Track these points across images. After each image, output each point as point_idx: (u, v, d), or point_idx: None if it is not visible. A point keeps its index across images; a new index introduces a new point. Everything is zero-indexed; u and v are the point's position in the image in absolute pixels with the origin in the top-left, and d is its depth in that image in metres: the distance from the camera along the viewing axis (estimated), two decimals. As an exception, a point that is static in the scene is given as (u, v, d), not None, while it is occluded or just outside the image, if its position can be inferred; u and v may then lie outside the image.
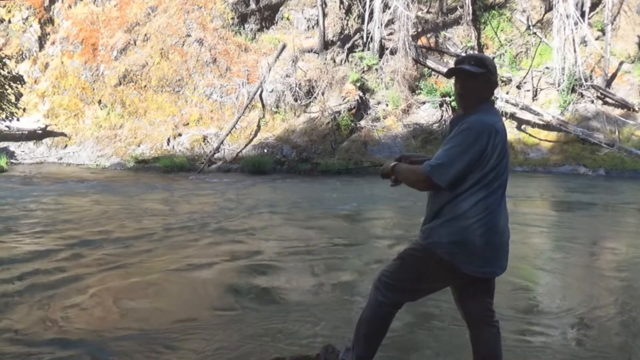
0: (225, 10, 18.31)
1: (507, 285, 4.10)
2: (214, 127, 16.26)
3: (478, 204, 2.32)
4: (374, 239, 6.52)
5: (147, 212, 7.77)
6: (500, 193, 2.39)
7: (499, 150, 2.32)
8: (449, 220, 2.35)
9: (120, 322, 3.46)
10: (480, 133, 2.29)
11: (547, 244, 6.68)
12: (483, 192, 2.32)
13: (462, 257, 2.33)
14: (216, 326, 3.41)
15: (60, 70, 17.69)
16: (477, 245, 2.32)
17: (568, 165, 16.46)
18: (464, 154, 2.27)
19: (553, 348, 3.17)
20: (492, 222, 2.34)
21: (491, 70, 2.44)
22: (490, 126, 2.31)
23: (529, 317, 3.70)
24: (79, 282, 4.23)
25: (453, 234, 2.33)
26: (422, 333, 3.37)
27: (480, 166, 2.30)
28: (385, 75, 17.75)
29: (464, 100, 2.45)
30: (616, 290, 4.39)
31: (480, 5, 20.80)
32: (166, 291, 4.17)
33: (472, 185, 2.32)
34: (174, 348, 3.09)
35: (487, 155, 2.29)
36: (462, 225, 2.32)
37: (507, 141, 2.42)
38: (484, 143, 2.28)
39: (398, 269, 2.50)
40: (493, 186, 2.34)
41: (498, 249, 2.38)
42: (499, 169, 2.34)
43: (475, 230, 2.31)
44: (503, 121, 2.48)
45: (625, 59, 18.41)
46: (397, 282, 2.48)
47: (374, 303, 2.53)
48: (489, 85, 2.46)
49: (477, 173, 2.30)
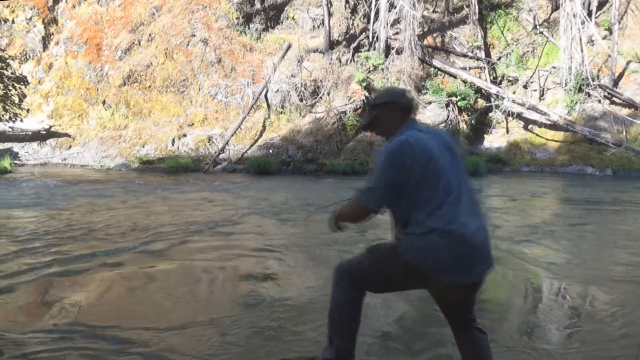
0: (230, 10, 18.22)
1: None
2: (218, 127, 16.17)
3: (432, 217, 2.33)
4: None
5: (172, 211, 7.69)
6: (453, 199, 2.37)
7: (421, 159, 2.36)
8: (411, 237, 2.36)
9: (121, 321, 3.37)
10: (393, 151, 2.39)
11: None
12: (432, 204, 2.34)
13: (432, 267, 2.33)
14: (219, 325, 3.33)
15: (64, 70, 17.61)
16: (445, 257, 2.31)
17: (575, 165, 16.36)
18: (384, 173, 2.38)
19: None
20: (455, 232, 2.31)
21: (392, 98, 2.63)
22: (402, 142, 2.41)
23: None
24: (84, 281, 4.15)
25: (418, 251, 2.33)
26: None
27: (410, 180, 2.35)
28: (391, 75, 17.64)
29: (381, 131, 2.67)
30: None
31: (486, 5, 20.67)
32: (168, 290, 4.08)
33: (415, 200, 2.36)
34: (176, 347, 3.02)
35: (410, 167, 2.35)
36: (425, 243, 2.32)
37: (439, 147, 2.47)
38: (398, 158, 2.37)
39: (364, 260, 2.56)
40: (439, 195, 2.36)
41: (469, 257, 2.35)
42: (433, 177, 2.37)
43: (439, 244, 2.30)
44: (427, 132, 2.58)
45: (632, 58, 18.27)
46: (362, 272, 2.53)
47: (338, 290, 2.57)
48: (396, 110, 2.60)
49: (413, 188, 2.36)
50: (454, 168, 2.49)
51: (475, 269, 2.38)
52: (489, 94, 18.21)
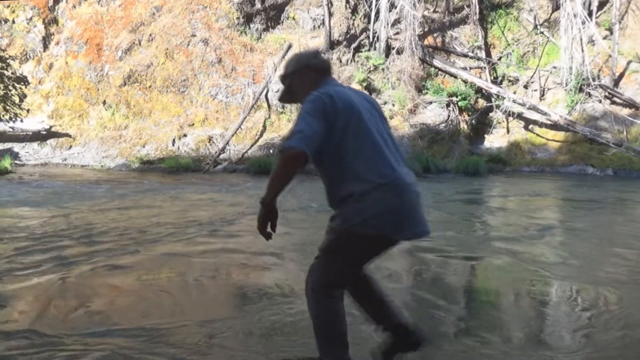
0: (230, 10, 18.21)
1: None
2: (219, 127, 16.16)
3: (369, 170, 2.29)
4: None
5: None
6: (386, 151, 2.36)
7: (345, 109, 2.31)
8: (354, 199, 2.29)
9: (122, 319, 3.36)
10: (314, 100, 2.30)
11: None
12: (365, 156, 2.30)
13: (389, 226, 2.29)
14: (209, 327, 3.29)
15: (65, 70, 17.59)
16: (396, 210, 2.30)
17: (576, 165, 16.37)
18: (309, 118, 2.24)
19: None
20: (401, 184, 2.32)
21: (302, 63, 2.54)
22: (322, 93, 2.33)
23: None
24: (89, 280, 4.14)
25: (367, 210, 2.27)
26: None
27: (336, 128, 2.28)
28: (392, 75, 17.63)
29: (300, 99, 2.46)
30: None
31: (487, 5, 20.66)
32: (172, 290, 4.07)
33: (344, 151, 2.30)
34: (178, 346, 3.00)
35: (334, 115, 2.28)
36: (374, 205, 2.27)
37: (361, 102, 2.42)
38: (320, 106, 2.27)
39: (330, 263, 2.42)
40: (371, 147, 2.32)
41: (416, 207, 2.36)
42: (360, 128, 2.32)
43: (387, 200, 2.28)
44: (349, 88, 2.54)
45: (633, 58, 18.26)
46: (334, 275, 2.42)
47: (319, 306, 2.43)
48: (310, 74, 2.52)
49: (341, 138, 2.29)
50: (379, 122, 2.47)
51: (422, 219, 2.40)
52: (490, 94, 18.20)
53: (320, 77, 2.52)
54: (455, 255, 5.42)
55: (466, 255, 5.45)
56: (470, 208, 9.48)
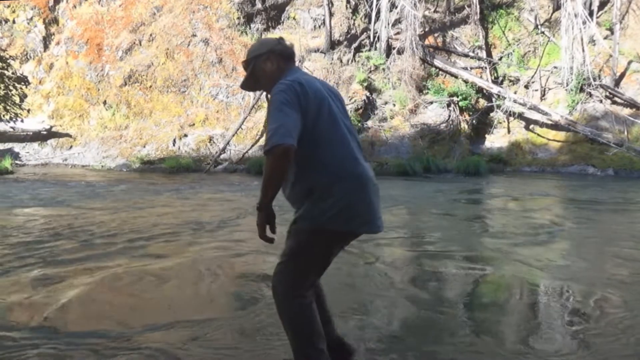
0: (231, 9, 18.21)
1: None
2: (220, 127, 16.16)
3: (335, 163, 2.28)
4: (390, 239, 6.38)
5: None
6: (352, 143, 2.36)
7: (315, 98, 2.28)
8: (319, 193, 2.28)
9: (123, 319, 3.35)
10: (284, 90, 2.23)
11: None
12: (333, 146, 2.30)
13: (354, 221, 2.29)
14: (202, 326, 3.28)
15: (65, 70, 17.60)
16: (360, 203, 2.30)
17: (577, 165, 16.34)
18: (283, 109, 2.18)
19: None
20: (365, 176, 2.33)
21: (265, 48, 2.48)
22: (292, 80, 2.28)
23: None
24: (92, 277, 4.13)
25: (335, 205, 2.25)
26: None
27: (308, 116, 2.24)
28: (393, 75, 17.63)
29: (264, 86, 2.48)
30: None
31: (487, 5, 20.66)
32: (161, 290, 4.07)
33: (316, 140, 2.27)
34: (154, 346, 2.99)
35: (305, 103, 2.24)
36: (336, 193, 2.26)
37: (327, 92, 2.40)
38: (291, 94, 2.22)
39: (300, 265, 2.37)
40: (338, 138, 2.32)
41: (376, 200, 2.38)
42: (329, 119, 2.31)
43: (350, 190, 2.27)
44: (312, 76, 2.51)
45: (634, 58, 18.23)
46: (305, 276, 2.39)
47: (294, 309, 2.37)
48: (273, 60, 2.46)
49: (312, 126, 2.26)
50: (343, 113, 2.46)
51: (380, 214, 2.41)
52: (490, 94, 18.19)
53: (285, 64, 2.47)
54: (455, 255, 5.40)
55: (466, 255, 5.43)
56: (471, 208, 9.46)
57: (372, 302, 3.85)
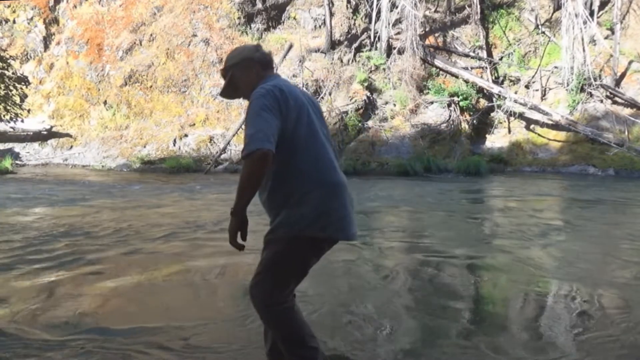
0: (231, 9, 18.20)
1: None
2: (220, 127, 16.15)
3: (313, 170, 2.29)
4: (392, 239, 6.38)
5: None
6: (330, 151, 2.39)
7: (295, 105, 2.28)
8: (295, 200, 2.27)
9: (124, 318, 3.34)
10: (263, 95, 2.21)
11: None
12: (311, 154, 2.30)
13: (331, 226, 2.30)
14: (187, 329, 3.26)
15: (66, 70, 17.60)
16: (337, 210, 2.31)
17: (577, 165, 16.32)
18: (261, 114, 2.15)
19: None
20: (341, 184, 2.35)
21: (244, 55, 2.46)
22: (272, 86, 2.27)
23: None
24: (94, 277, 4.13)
25: (312, 212, 2.26)
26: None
27: (287, 123, 2.23)
28: (393, 75, 17.62)
29: (243, 93, 2.47)
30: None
31: (488, 4, 20.65)
32: (173, 290, 4.06)
33: (294, 146, 2.26)
34: (181, 345, 3.00)
35: (285, 109, 2.23)
36: (313, 200, 2.26)
37: (306, 100, 2.41)
38: (271, 100, 2.20)
39: (279, 274, 2.35)
40: (316, 146, 2.32)
41: (351, 207, 2.39)
42: (308, 126, 2.31)
43: (326, 197, 2.29)
44: (290, 83, 2.50)
45: (634, 58, 18.21)
46: (285, 285, 2.37)
47: (278, 319, 2.36)
48: (252, 67, 2.44)
49: (292, 132, 2.25)
50: (321, 122, 2.47)
51: (355, 222, 2.42)
52: (491, 94, 18.18)
53: (264, 71, 2.46)
54: (456, 255, 5.39)
55: (467, 255, 5.42)
56: (472, 208, 9.45)
57: (370, 302, 3.83)
